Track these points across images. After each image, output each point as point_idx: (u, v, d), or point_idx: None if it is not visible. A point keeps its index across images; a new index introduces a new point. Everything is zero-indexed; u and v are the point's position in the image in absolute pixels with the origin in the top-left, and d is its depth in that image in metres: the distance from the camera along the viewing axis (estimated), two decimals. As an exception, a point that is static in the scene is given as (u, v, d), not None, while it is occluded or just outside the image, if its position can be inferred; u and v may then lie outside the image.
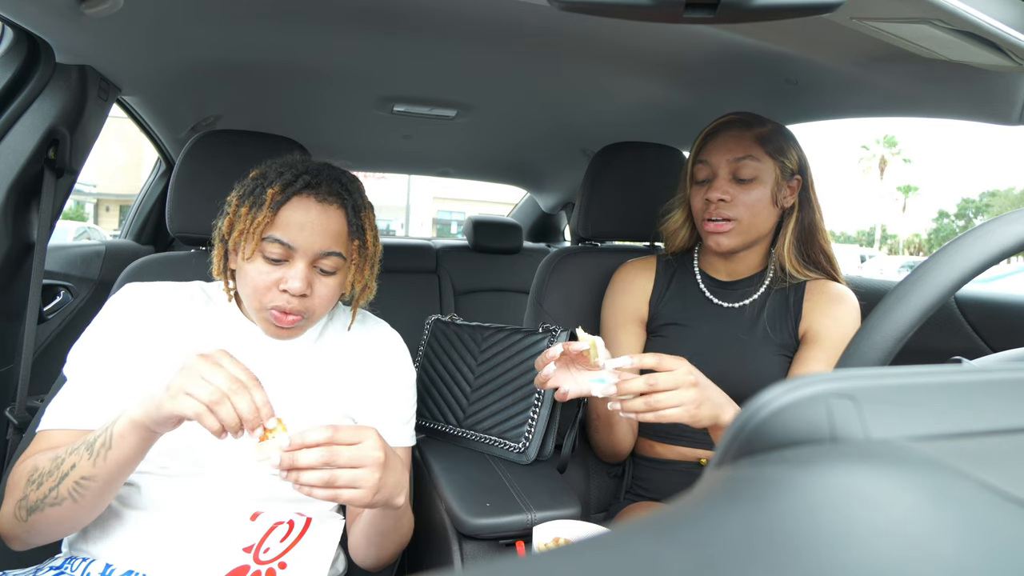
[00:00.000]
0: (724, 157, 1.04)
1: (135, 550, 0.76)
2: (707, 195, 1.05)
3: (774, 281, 1.09)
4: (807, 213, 1.07)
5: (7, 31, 1.04)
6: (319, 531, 0.82)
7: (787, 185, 1.06)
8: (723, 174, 1.05)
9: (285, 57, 1.30)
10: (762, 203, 1.03)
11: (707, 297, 1.12)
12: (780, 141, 1.05)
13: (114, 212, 21.50)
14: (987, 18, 0.66)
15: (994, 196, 42.51)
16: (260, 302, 0.81)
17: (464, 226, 2.67)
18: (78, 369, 0.80)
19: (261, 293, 0.80)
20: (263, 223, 0.78)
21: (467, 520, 0.89)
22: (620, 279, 1.20)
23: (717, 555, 0.16)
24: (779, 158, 1.04)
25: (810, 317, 1.04)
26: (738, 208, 1.03)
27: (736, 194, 1.03)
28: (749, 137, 1.04)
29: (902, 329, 0.43)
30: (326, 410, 0.88)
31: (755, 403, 0.24)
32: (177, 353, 0.80)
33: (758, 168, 1.03)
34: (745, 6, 0.59)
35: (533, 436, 1.07)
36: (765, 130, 1.05)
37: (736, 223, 1.04)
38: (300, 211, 0.80)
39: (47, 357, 1.45)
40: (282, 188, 0.80)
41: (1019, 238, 0.42)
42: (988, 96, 0.97)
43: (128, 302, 0.85)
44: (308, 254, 0.80)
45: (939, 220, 47.48)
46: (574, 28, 1.06)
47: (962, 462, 0.21)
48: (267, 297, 0.80)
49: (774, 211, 1.06)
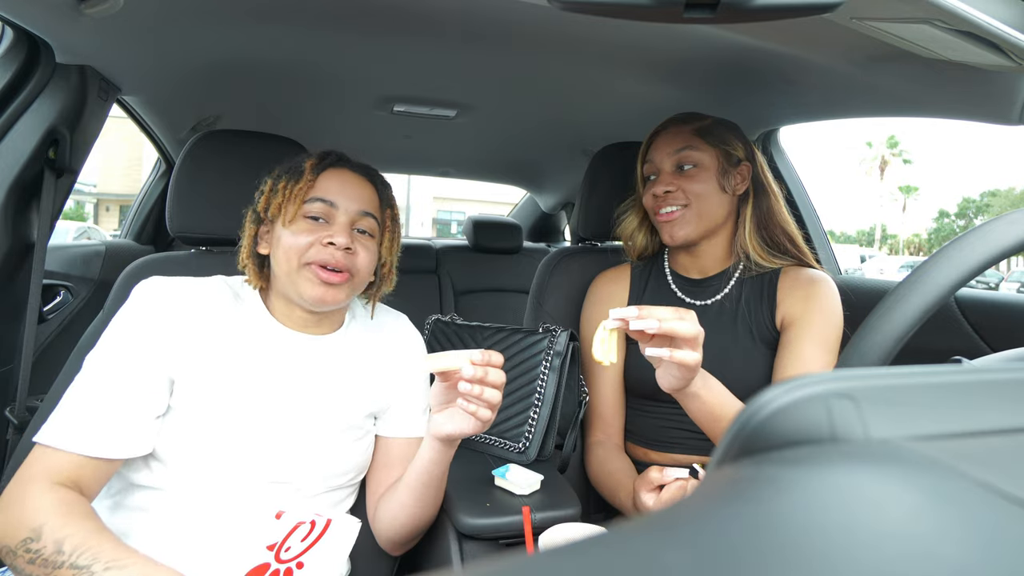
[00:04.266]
0: (665, 152, 1.08)
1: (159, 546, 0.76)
2: (653, 190, 1.08)
3: (744, 272, 1.09)
4: (763, 199, 1.09)
5: (7, 31, 1.04)
6: (337, 532, 0.83)
7: (735, 172, 1.07)
8: (666, 167, 1.08)
9: (285, 57, 1.30)
10: (707, 188, 1.05)
11: (679, 297, 1.13)
12: (720, 132, 1.08)
13: (114, 212, 21.51)
14: (987, 18, 0.66)
15: (994, 196, 42.48)
16: (301, 260, 0.82)
17: (464, 226, 2.67)
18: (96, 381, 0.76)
19: (303, 250, 0.83)
20: (305, 188, 0.84)
21: (467, 520, 0.89)
22: (595, 290, 1.21)
23: (718, 555, 0.16)
24: (720, 146, 1.07)
25: (785, 304, 1.04)
26: (684, 196, 1.05)
27: (680, 183, 1.05)
28: (687, 131, 1.08)
29: (902, 329, 0.43)
30: (351, 404, 0.90)
31: (755, 403, 0.24)
32: (208, 354, 0.81)
33: (698, 156, 1.06)
34: (745, 6, 0.59)
35: (533, 436, 1.07)
36: (704, 123, 1.09)
37: (684, 210, 1.05)
38: (337, 177, 0.87)
39: (47, 357, 1.45)
40: (318, 161, 0.88)
41: (1019, 238, 0.42)
42: (988, 96, 0.97)
43: (153, 301, 0.81)
44: (349, 212, 0.86)
45: (939, 220, 47.45)
46: (574, 28, 1.06)
47: (962, 462, 0.21)
48: (309, 253, 0.83)
49: (724, 197, 1.07)
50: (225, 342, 0.82)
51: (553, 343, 1.13)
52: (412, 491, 0.85)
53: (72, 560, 0.65)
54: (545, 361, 1.12)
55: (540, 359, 1.13)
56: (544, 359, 1.12)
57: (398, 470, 0.93)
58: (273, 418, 0.82)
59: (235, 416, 0.80)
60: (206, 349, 0.81)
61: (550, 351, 1.12)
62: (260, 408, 0.82)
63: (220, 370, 0.81)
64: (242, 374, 0.82)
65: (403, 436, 0.95)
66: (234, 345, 0.83)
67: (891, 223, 46.10)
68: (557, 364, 1.11)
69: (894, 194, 44.21)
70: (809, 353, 0.97)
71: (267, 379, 0.83)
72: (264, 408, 0.82)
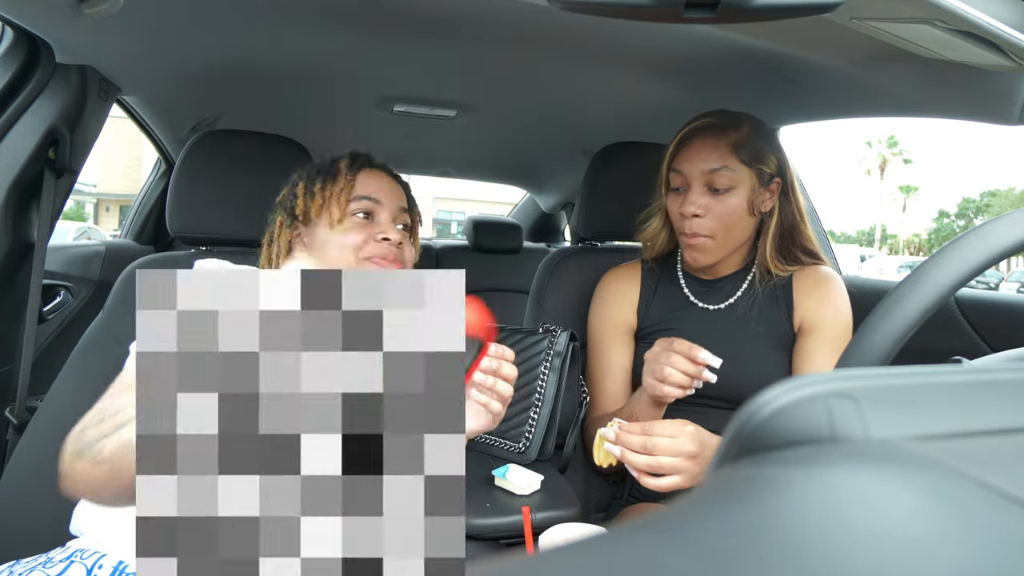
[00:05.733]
0: (698, 167, 1.00)
1: None
2: (681, 209, 1.02)
3: (757, 275, 1.07)
4: (787, 215, 1.04)
5: (7, 31, 1.04)
6: None
7: (766, 191, 1.03)
8: (697, 186, 1.00)
9: (285, 57, 1.30)
10: (738, 213, 1.00)
11: (691, 301, 1.10)
12: (757, 146, 1.00)
13: (114, 212, 21.51)
14: (987, 18, 0.66)
15: (994, 196, 42.48)
16: (359, 256, 0.85)
17: (464, 226, 2.67)
18: None
19: (358, 248, 0.85)
20: (346, 188, 0.87)
21: (467, 520, 0.89)
22: (605, 288, 1.17)
23: (717, 555, 0.16)
24: (756, 165, 1.00)
25: (803, 306, 1.03)
26: (713, 221, 1.00)
27: (711, 206, 0.99)
28: (724, 146, 0.99)
29: (902, 329, 0.43)
30: None
31: (755, 403, 0.24)
32: None
33: (733, 178, 0.99)
34: (745, 6, 0.59)
35: (533, 436, 1.07)
36: (741, 135, 1.00)
37: (711, 239, 1.01)
38: (374, 176, 0.91)
39: (47, 357, 1.45)
40: (351, 162, 0.91)
41: (1019, 238, 0.42)
42: (988, 96, 0.97)
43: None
44: (392, 208, 0.89)
45: (939, 220, 47.45)
46: (574, 28, 1.06)
47: (962, 462, 0.21)
48: (364, 251, 0.85)
49: (751, 220, 1.02)
50: None
51: (553, 343, 1.13)
52: None
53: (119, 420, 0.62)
54: (545, 361, 1.12)
55: (540, 359, 1.13)
56: (544, 359, 1.12)
57: None
58: None
59: None
60: None
61: (550, 351, 1.12)
62: None
63: None
64: None
65: None
66: None
67: (891, 223, 46.11)
68: (557, 364, 1.11)
69: (894, 194, 44.21)
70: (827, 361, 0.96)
71: None
72: None
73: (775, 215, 1.04)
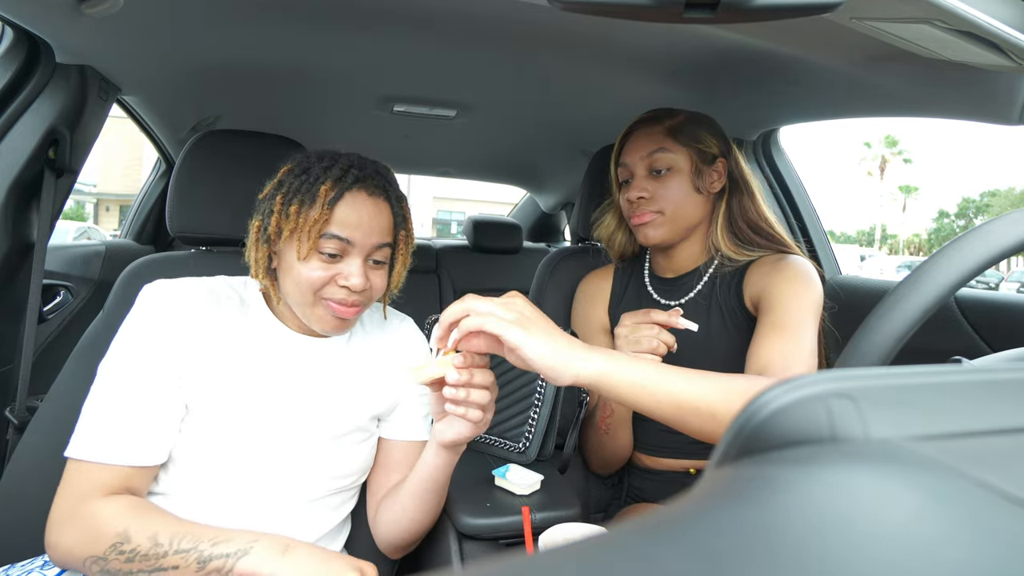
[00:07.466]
0: (638, 155, 1.06)
1: None
2: (627, 195, 1.06)
3: (718, 267, 1.07)
4: (737, 195, 1.07)
5: (7, 31, 1.04)
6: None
7: (711, 170, 1.05)
8: (640, 171, 1.06)
9: (285, 57, 1.30)
10: (682, 192, 1.04)
11: (655, 299, 1.12)
12: (693, 129, 1.05)
13: (114, 212, 21.52)
14: (987, 18, 0.66)
15: (994, 196, 42.47)
16: (315, 296, 0.81)
17: (464, 226, 2.67)
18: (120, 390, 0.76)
19: (317, 288, 0.80)
20: (320, 221, 0.78)
21: (467, 520, 0.89)
22: (581, 291, 1.22)
23: (717, 555, 0.16)
24: (694, 145, 1.04)
25: (751, 285, 1.01)
26: (659, 202, 1.04)
27: (654, 189, 1.04)
28: (659, 131, 1.05)
29: (902, 329, 0.43)
30: (357, 406, 0.89)
31: (755, 403, 0.24)
32: (214, 358, 0.81)
33: (671, 159, 1.04)
34: (745, 6, 0.59)
35: (533, 436, 1.07)
36: (676, 121, 1.06)
37: (660, 215, 1.04)
38: (354, 207, 0.80)
39: (47, 357, 1.45)
40: (334, 184, 0.80)
41: (1019, 238, 0.42)
42: (988, 96, 0.97)
43: (161, 305, 0.81)
44: (364, 248, 0.81)
45: (939, 220, 47.44)
46: (574, 28, 1.06)
47: (962, 462, 0.21)
48: (324, 291, 0.81)
49: (699, 198, 1.05)
50: (232, 346, 0.82)
51: (553, 343, 1.13)
52: (415, 496, 0.85)
53: (175, 547, 0.69)
54: (545, 361, 1.12)
55: (540, 359, 1.12)
56: (544, 359, 1.12)
57: (399, 473, 0.93)
58: (279, 421, 0.82)
59: (241, 419, 0.80)
60: (213, 353, 0.81)
61: (550, 351, 1.12)
62: (266, 411, 0.82)
63: (227, 374, 0.81)
64: (248, 377, 0.82)
65: (405, 439, 0.94)
66: (241, 348, 0.83)
67: (891, 223, 46.10)
68: (557, 364, 1.11)
69: (894, 194, 44.19)
70: (765, 337, 0.91)
71: (273, 382, 0.83)
72: (270, 411, 0.82)
73: (725, 196, 1.07)
